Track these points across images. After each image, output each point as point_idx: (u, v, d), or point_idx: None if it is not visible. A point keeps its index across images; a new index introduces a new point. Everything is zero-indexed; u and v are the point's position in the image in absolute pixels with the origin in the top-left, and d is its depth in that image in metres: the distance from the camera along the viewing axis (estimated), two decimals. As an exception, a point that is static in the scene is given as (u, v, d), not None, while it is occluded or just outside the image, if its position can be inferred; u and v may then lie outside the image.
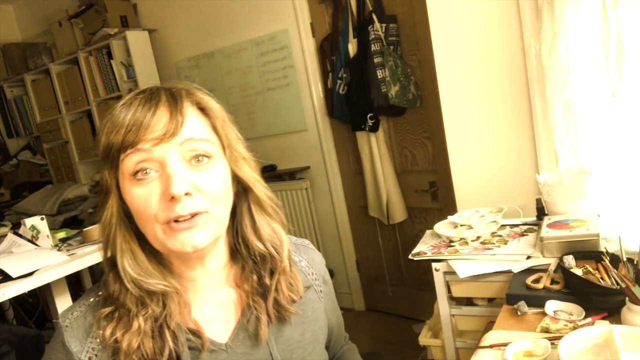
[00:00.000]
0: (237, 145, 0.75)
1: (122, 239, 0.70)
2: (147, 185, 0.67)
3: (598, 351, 0.90)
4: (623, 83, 1.58)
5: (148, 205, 0.67)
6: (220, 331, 0.76)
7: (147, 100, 0.68)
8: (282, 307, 0.78)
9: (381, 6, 2.54)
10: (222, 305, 0.78)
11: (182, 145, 0.67)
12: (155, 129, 0.66)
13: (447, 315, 1.57)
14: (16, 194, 4.26)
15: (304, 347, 0.82)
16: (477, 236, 1.66)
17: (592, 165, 1.67)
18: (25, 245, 1.98)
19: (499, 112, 1.93)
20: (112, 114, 0.68)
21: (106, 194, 0.70)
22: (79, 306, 0.73)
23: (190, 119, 0.69)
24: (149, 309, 0.69)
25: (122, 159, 0.67)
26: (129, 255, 0.70)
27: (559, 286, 1.23)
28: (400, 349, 2.62)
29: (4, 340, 1.75)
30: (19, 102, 4.40)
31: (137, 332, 0.68)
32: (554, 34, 1.65)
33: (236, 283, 0.79)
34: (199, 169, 0.69)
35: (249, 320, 0.77)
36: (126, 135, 0.66)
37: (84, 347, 0.70)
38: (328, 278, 0.94)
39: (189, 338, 0.72)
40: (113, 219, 0.70)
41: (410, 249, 1.70)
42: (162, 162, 0.66)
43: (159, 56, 3.60)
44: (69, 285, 1.97)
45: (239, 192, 0.77)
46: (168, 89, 0.71)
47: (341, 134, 3.00)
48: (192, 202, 0.67)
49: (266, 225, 0.79)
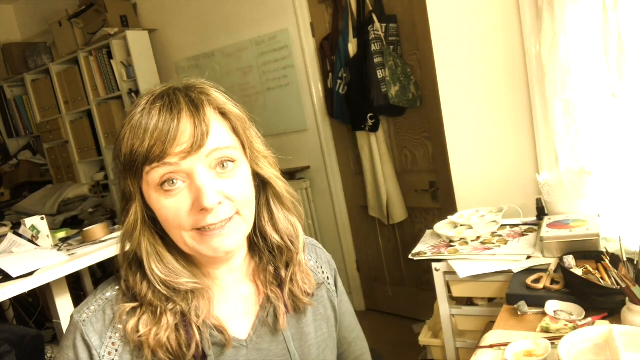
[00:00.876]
0: (257, 145, 0.76)
1: (147, 242, 0.71)
2: (176, 197, 0.67)
3: (598, 351, 0.90)
4: (623, 83, 1.58)
5: (178, 216, 0.67)
6: (240, 326, 0.77)
7: (168, 108, 0.66)
8: (297, 298, 0.80)
9: (381, 6, 2.54)
10: (242, 300, 0.79)
11: (208, 156, 0.67)
12: (181, 142, 0.65)
13: (447, 315, 1.57)
14: (16, 194, 4.26)
15: (318, 344, 0.84)
16: (477, 236, 1.66)
17: (592, 165, 1.67)
18: (25, 245, 1.98)
19: (499, 112, 1.93)
20: (131, 122, 0.67)
21: (129, 200, 0.70)
22: (95, 300, 0.73)
23: (214, 127, 0.68)
24: (177, 305, 0.70)
25: (147, 171, 0.66)
26: (156, 258, 0.70)
27: (559, 286, 1.23)
28: (400, 349, 2.62)
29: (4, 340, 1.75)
30: (19, 102, 4.40)
31: (165, 327, 0.68)
32: (554, 34, 1.65)
33: (254, 276, 0.81)
34: (225, 175, 0.69)
35: (268, 314, 0.78)
36: (151, 148, 0.64)
37: (103, 341, 0.69)
38: (339, 283, 0.93)
39: (213, 334, 0.73)
40: (137, 224, 0.70)
41: (410, 249, 1.70)
42: (189, 174, 0.66)
43: (159, 56, 3.60)
44: (69, 285, 1.97)
45: (259, 185, 0.78)
46: (187, 94, 0.69)
47: (341, 134, 3.00)
48: (222, 210, 0.68)
49: (284, 218, 0.80)
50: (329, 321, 0.87)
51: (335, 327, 0.89)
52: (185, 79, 0.74)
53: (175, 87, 0.71)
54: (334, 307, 0.88)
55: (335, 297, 0.89)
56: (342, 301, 0.92)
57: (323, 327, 0.85)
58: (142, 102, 0.68)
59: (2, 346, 1.73)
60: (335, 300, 0.89)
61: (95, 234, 2.03)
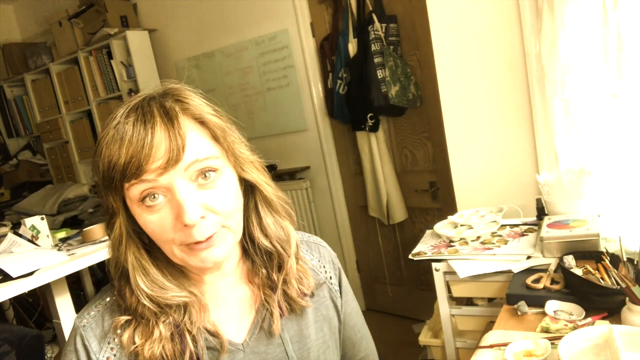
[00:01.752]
0: (240, 150, 0.73)
1: (132, 256, 0.70)
2: (159, 212, 0.66)
3: (598, 351, 0.90)
4: (623, 83, 1.58)
5: (163, 230, 0.66)
6: (236, 330, 0.77)
7: (142, 122, 0.64)
8: (292, 300, 0.79)
9: (381, 6, 2.54)
10: (238, 304, 0.78)
11: (187, 170, 0.65)
12: (157, 157, 0.63)
13: (447, 315, 1.57)
14: (16, 194, 4.26)
15: (319, 346, 0.83)
16: (477, 236, 1.66)
17: (592, 165, 1.67)
18: (25, 245, 1.98)
19: (499, 112, 1.93)
20: (106, 137, 0.65)
21: (112, 215, 0.69)
22: (95, 306, 0.73)
23: (191, 138, 0.66)
24: (169, 317, 0.70)
25: (126, 187, 0.65)
26: (142, 272, 0.70)
27: (559, 286, 1.23)
28: (400, 349, 2.62)
29: (4, 340, 1.75)
30: (19, 102, 4.40)
31: (158, 339, 0.68)
32: (554, 34, 1.65)
33: (249, 279, 0.80)
34: (208, 186, 0.67)
35: (264, 318, 0.78)
36: (127, 164, 0.63)
37: (102, 346, 0.70)
38: (345, 281, 0.91)
39: (208, 339, 0.72)
40: (122, 238, 0.69)
41: (410, 249, 1.70)
42: (169, 188, 0.65)
43: (159, 56, 3.60)
44: (69, 285, 1.97)
45: (246, 190, 0.76)
46: (161, 105, 0.66)
47: (341, 134, 3.00)
48: (207, 224, 0.66)
49: (273, 222, 0.78)
50: (331, 322, 0.86)
51: (338, 328, 0.88)
52: (164, 83, 0.71)
53: (150, 96, 0.68)
54: (337, 307, 0.87)
55: (338, 297, 0.88)
56: (347, 301, 0.91)
57: (324, 328, 0.84)
58: (117, 115, 0.66)
59: (2, 346, 1.73)
60: (338, 301, 0.88)
61: (95, 234, 2.03)
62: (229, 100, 3.32)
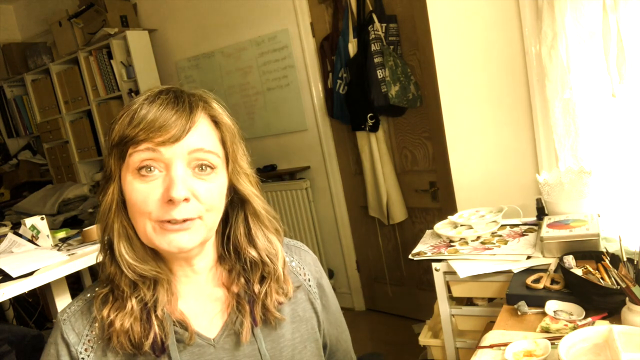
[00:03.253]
0: (241, 161, 0.79)
1: (119, 224, 0.73)
2: (149, 183, 0.70)
3: (598, 351, 0.90)
4: (623, 83, 1.58)
5: (146, 201, 0.70)
6: (207, 326, 0.79)
7: (168, 102, 0.71)
8: (268, 312, 0.81)
9: (381, 6, 2.54)
10: (210, 302, 0.81)
11: (190, 154, 0.71)
12: (166, 132, 0.69)
13: (447, 315, 1.57)
14: (16, 194, 4.26)
15: (294, 345, 0.84)
16: (477, 236, 1.66)
17: (592, 165, 1.67)
18: (25, 245, 1.98)
19: (499, 112, 1.93)
20: (130, 107, 0.71)
21: (108, 180, 0.74)
22: (77, 301, 0.78)
23: (202, 130, 0.73)
24: (140, 292, 0.73)
25: (130, 152, 0.70)
26: (126, 240, 0.73)
27: (559, 286, 1.23)
28: (400, 349, 2.62)
29: (4, 340, 1.75)
30: (19, 102, 4.40)
31: (130, 313, 0.72)
32: (554, 34, 1.65)
33: (224, 283, 0.82)
34: (201, 177, 0.72)
35: (236, 320, 0.80)
36: (139, 131, 0.69)
37: (80, 338, 0.74)
38: (325, 282, 0.94)
39: (176, 330, 0.75)
40: (113, 204, 0.73)
41: (410, 249, 1.70)
42: (168, 165, 0.70)
43: (159, 56, 3.60)
44: (69, 285, 1.97)
45: (235, 202, 0.81)
46: (189, 95, 0.74)
47: (341, 134, 3.00)
48: (188, 208, 0.70)
49: (262, 235, 0.82)
50: (309, 322, 0.87)
51: (318, 327, 0.89)
52: (194, 88, 0.78)
53: (182, 89, 0.75)
54: (315, 308, 0.89)
55: (316, 298, 0.90)
56: (328, 300, 0.93)
57: (301, 329, 0.86)
58: (148, 92, 0.73)
59: (2, 346, 1.73)
60: (316, 302, 0.89)
61: (95, 234, 2.03)
62: (229, 100, 3.32)
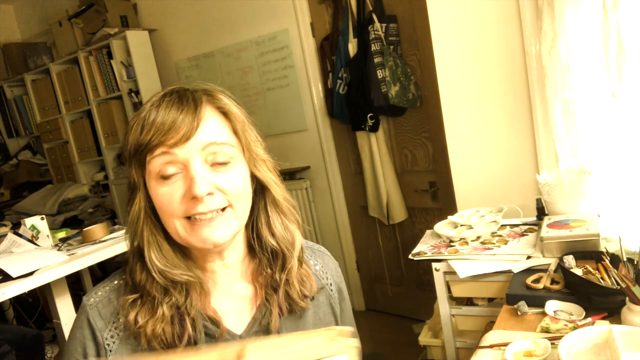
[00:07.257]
0: (256, 147, 0.79)
1: (149, 232, 0.74)
2: (172, 185, 0.71)
3: (598, 351, 0.90)
4: (623, 83, 1.58)
5: (171, 202, 0.71)
6: (235, 323, 0.79)
7: (173, 103, 0.72)
8: (293, 301, 0.81)
9: (381, 6, 2.54)
10: (238, 298, 0.81)
11: (204, 150, 0.72)
12: (176, 132, 0.70)
13: (447, 315, 1.57)
14: (16, 194, 4.26)
15: None
16: (477, 236, 1.66)
17: (592, 165, 1.67)
18: (25, 245, 1.98)
19: (499, 112, 1.93)
20: (139, 115, 0.73)
21: (133, 190, 0.75)
22: (103, 287, 0.78)
23: (211, 123, 0.73)
24: (172, 297, 0.73)
25: (148, 160, 0.71)
26: (156, 248, 0.74)
27: (559, 286, 1.23)
28: (400, 349, 2.62)
29: (4, 340, 1.75)
30: (19, 102, 4.40)
31: (160, 319, 0.72)
32: (554, 34, 1.65)
33: (252, 278, 0.83)
34: (221, 170, 0.73)
35: (264, 315, 0.80)
36: (152, 137, 0.70)
37: (107, 326, 0.75)
38: (344, 288, 0.95)
39: (207, 325, 0.76)
40: (141, 213, 0.74)
41: (410, 249, 1.70)
42: (185, 164, 0.71)
43: (159, 56, 3.60)
44: (69, 285, 1.97)
45: (257, 190, 0.81)
46: (192, 92, 0.75)
47: (341, 134, 3.00)
48: (214, 200, 0.72)
49: (280, 223, 0.82)
50: (329, 326, 0.88)
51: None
52: (198, 84, 0.79)
53: (187, 87, 0.76)
54: (334, 313, 0.90)
55: (336, 302, 0.91)
56: (346, 306, 0.95)
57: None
58: (154, 97, 0.74)
59: (2, 346, 1.74)
60: (336, 306, 0.91)
61: (95, 234, 2.03)
62: (229, 100, 3.31)
